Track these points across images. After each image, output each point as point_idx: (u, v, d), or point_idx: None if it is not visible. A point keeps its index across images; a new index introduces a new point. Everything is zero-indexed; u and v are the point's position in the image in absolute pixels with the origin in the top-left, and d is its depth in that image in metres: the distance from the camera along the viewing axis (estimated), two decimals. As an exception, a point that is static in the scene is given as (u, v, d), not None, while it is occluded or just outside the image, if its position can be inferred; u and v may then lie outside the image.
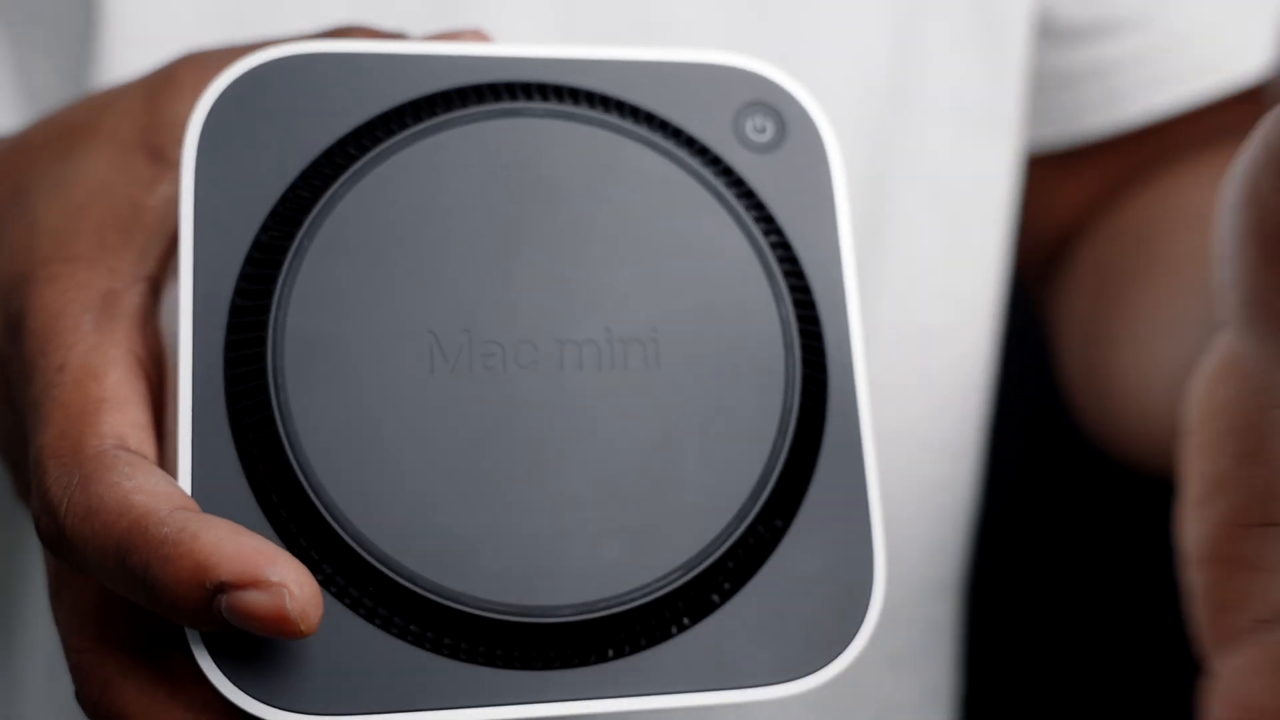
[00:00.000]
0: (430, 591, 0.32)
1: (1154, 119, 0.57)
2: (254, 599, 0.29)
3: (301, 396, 0.32)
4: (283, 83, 0.34)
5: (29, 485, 0.34)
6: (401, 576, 0.32)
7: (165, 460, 0.33)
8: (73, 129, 0.36)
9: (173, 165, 0.35)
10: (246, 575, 0.29)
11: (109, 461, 0.31)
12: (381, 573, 0.32)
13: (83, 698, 0.33)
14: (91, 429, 0.31)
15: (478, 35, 0.36)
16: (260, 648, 0.31)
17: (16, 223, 0.35)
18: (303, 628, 0.29)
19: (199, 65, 0.36)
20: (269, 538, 0.32)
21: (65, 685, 0.51)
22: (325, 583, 0.32)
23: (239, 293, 0.33)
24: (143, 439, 0.32)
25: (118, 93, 0.37)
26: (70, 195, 0.35)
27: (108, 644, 0.32)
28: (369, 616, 0.32)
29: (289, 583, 0.29)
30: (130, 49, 0.47)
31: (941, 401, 0.56)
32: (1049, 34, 0.56)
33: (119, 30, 0.48)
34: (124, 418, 0.32)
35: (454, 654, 0.32)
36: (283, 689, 0.31)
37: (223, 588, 0.29)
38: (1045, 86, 0.57)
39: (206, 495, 0.32)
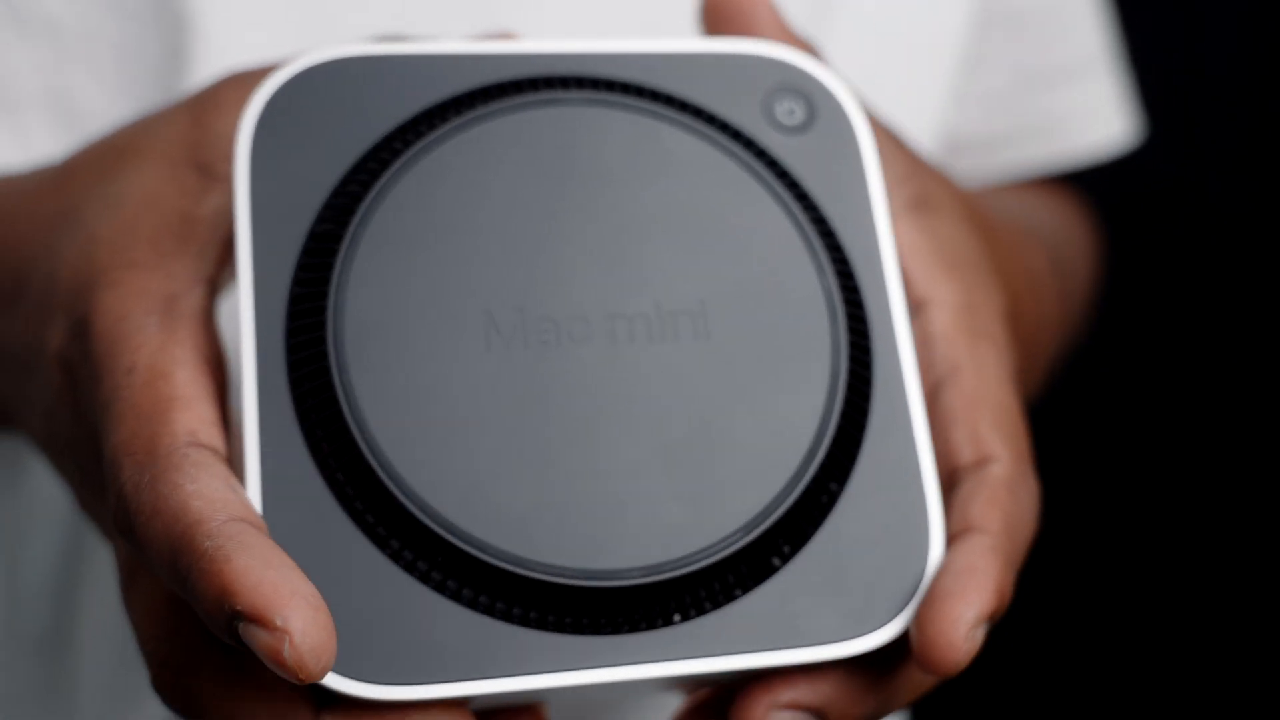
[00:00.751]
0: (498, 559, 0.32)
1: (1028, 171, 0.67)
2: (259, 635, 0.29)
3: (362, 376, 0.33)
4: (331, 83, 0.35)
5: (98, 488, 0.34)
6: (469, 546, 0.32)
7: (232, 449, 0.34)
8: (119, 150, 0.38)
9: (220, 178, 0.36)
10: (256, 611, 0.29)
11: (177, 461, 0.32)
12: (449, 543, 0.32)
13: (158, 685, 0.33)
14: (164, 427, 0.32)
15: (507, 36, 0.37)
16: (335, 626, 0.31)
17: (71, 239, 0.36)
18: (300, 676, 0.29)
19: (239, 84, 0.37)
20: (335, 516, 0.32)
21: (128, 680, 0.51)
22: (394, 557, 0.32)
23: (297, 281, 0.34)
24: (213, 434, 0.33)
25: (162, 115, 0.38)
26: (123, 210, 0.36)
27: (181, 632, 0.33)
28: (438, 588, 0.32)
29: (293, 630, 0.29)
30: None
31: None
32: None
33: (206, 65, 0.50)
34: (194, 414, 0.33)
35: (523, 621, 0.32)
36: (354, 661, 0.31)
37: (238, 615, 0.29)
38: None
39: (273, 476, 0.32)
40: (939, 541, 0.35)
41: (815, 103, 0.37)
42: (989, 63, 0.64)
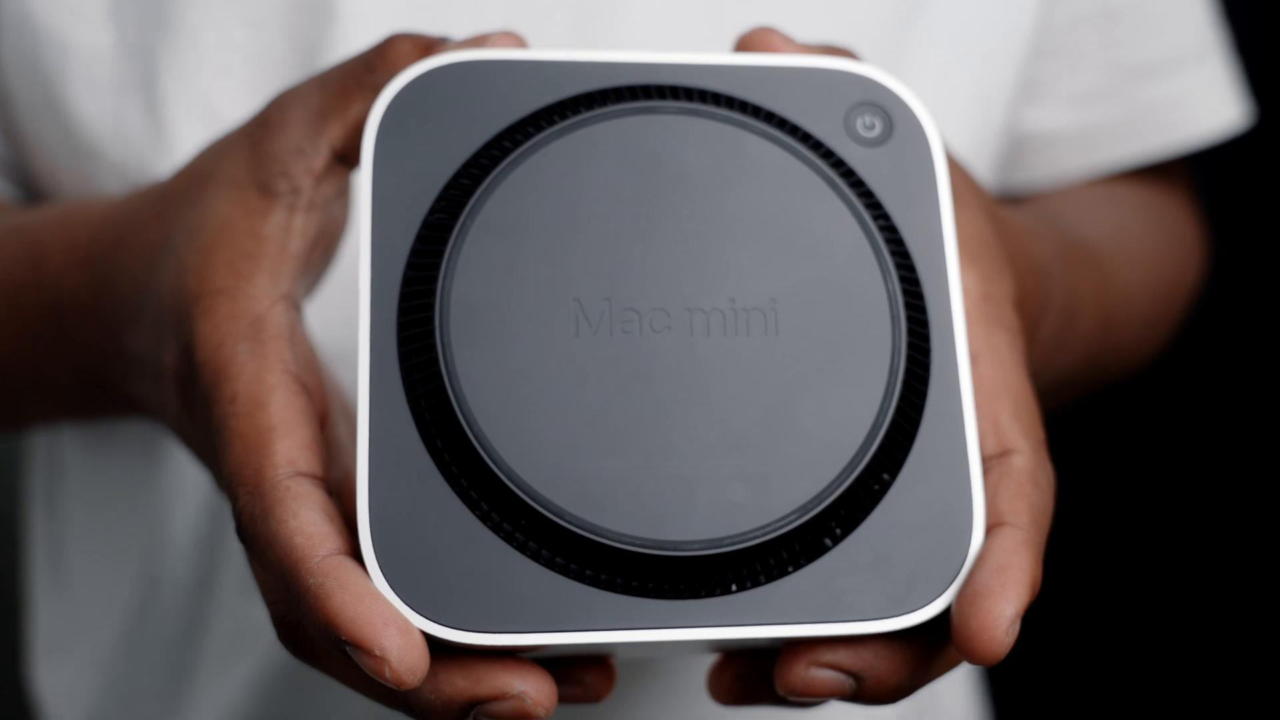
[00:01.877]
0: (576, 527, 0.36)
1: (1127, 166, 0.68)
2: (363, 659, 0.35)
3: (464, 353, 0.37)
4: (448, 85, 0.39)
5: (222, 481, 0.39)
6: (551, 513, 0.36)
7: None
8: (198, 176, 0.42)
9: (279, 195, 0.40)
10: (359, 640, 0.35)
11: (281, 494, 0.36)
12: (533, 509, 0.36)
13: (281, 636, 0.39)
14: (268, 459, 0.37)
15: (513, 35, 0.40)
16: (427, 577, 0.36)
17: (169, 266, 0.41)
18: (402, 688, 0.35)
19: (282, 104, 0.41)
20: (434, 479, 0.36)
21: (253, 616, 0.57)
22: (483, 519, 0.36)
23: (410, 265, 0.38)
24: (310, 459, 0.37)
25: (228, 140, 0.42)
26: (203, 236, 0.40)
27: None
28: (522, 549, 0.36)
29: (389, 655, 0.34)
30: None
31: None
32: (1034, 100, 0.66)
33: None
34: (293, 441, 0.37)
35: (596, 583, 0.36)
36: (447, 611, 0.35)
37: (343, 642, 0.35)
38: (1028, 146, 0.67)
39: (380, 442, 0.36)
40: (979, 534, 0.38)
41: (894, 118, 0.40)
42: (1081, 59, 0.65)
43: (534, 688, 0.36)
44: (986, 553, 0.37)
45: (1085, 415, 1.01)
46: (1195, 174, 0.73)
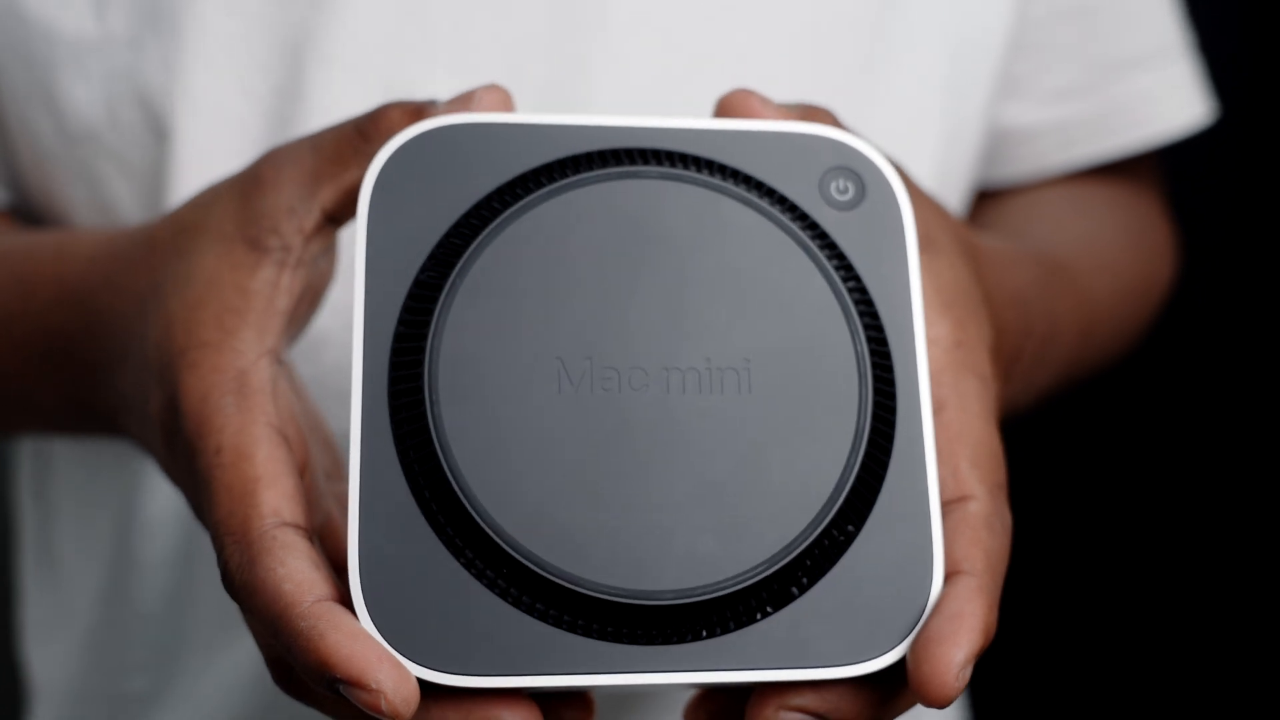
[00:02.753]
0: (555, 576, 0.38)
1: (1104, 160, 0.70)
2: (359, 694, 0.36)
3: (451, 408, 0.38)
4: (436, 150, 0.40)
5: (201, 515, 0.41)
6: (531, 562, 0.38)
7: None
8: (188, 226, 0.43)
9: (268, 250, 0.41)
10: (354, 677, 0.36)
11: (268, 544, 0.38)
12: (514, 558, 0.38)
13: (274, 678, 0.41)
14: (254, 510, 0.39)
15: (498, 89, 0.41)
16: (414, 622, 0.38)
17: (157, 316, 0.42)
18: (396, 719, 0.36)
19: (275, 162, 0.42)
20: (421, 528, 0.38)
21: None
22: (467, 566, 0.38)
23: (402, 322, 0.39)
24: (294, 508, 0.39)
25: (216, 192, 0.43)
26: (191, 289, 0.41)
27: None
28: (504, 595, 0.38)
29: (386, 690, 0.36)
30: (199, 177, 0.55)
31: None
32: (1013, 97, 0.68)
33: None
34: (278, 492, 0.39)
35: (573, 629, 0.38)
36: (432, 653, 0.38)
37: (338, 681, 0.36)
38: (1008, 141, 0.69)
39: (370, 489, 0.38)
40: (939, 583, 0.40)
41: (866, 182, 0.42)
42: (1059, 56, 0.67)
43: (518, 714, 0.38)
44: (942, 600, 0.39)
45: (1066, 415, 1.02)
46: (1165, 172, 0.75)
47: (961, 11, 0.62)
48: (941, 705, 0.38)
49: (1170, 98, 0.70)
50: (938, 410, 0.42)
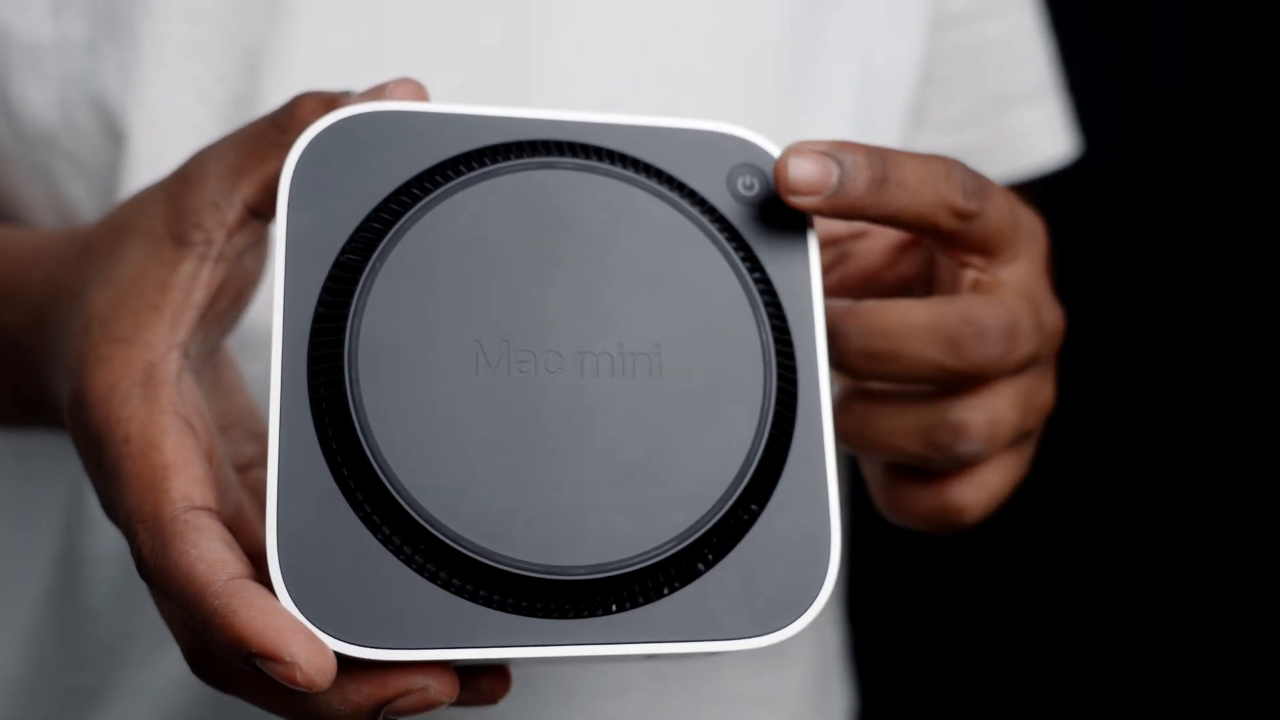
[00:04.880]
0: (471, 551, 0.39)
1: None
2: (274, 667, 0.37)
3: (371, 388, 0.39)
4: (354, 137, 0.41)
5: (110, 508, 0.42)
6: (447, 538, 0.39)
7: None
8: (120, 226, 0.44)
9: (193, 246, 0.42)
10: (267, 652, 0.37)
11: (180, 528, 0.39)
12: (431, 534, 0.39)
13: (192, 667, 0.41)
14: (164, 496, 0.39)
15: (412, 82, 0.43)
16: (331, 596, 0.38)
17: (78, 315, 0.43)
18: (313, 690, 0.37)
19: (200, 160, 0.43)
20: (340, 506, 0.39)
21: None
22: (385, 542, 0.39)
23: (322, 303, 0.40)
24: (204, 492, 0.40)
25: (148, 193, 0.44)
26: (116, 285, 0.42)
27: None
28: (420, 570, 0.39)
29: (300, 661, 0.37)
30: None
31: None
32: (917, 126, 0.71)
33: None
34: (186, 477, 0.40)
35: (488, 603, 0.39)
36: (349, 627, 0.38)
37: (253, 655, 0.37)
38: None
39: (289, 470, 0.39)
40: (836, 561, 0.42)
41: (770, 178, 0.44)
42: (955, 88, 0.71)
43: (435, 680, 0.39)
44: None
45: (1066, 415, 1.04)
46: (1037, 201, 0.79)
47: (873, 45, 0.66)
48: (802, 188, 0.42)
49: (1042, 132, 0.74)
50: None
